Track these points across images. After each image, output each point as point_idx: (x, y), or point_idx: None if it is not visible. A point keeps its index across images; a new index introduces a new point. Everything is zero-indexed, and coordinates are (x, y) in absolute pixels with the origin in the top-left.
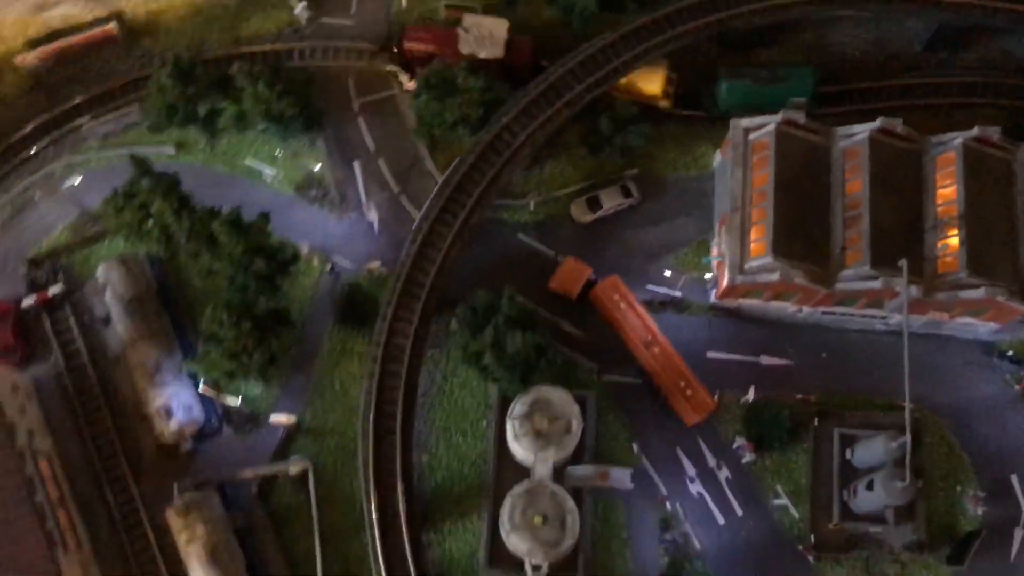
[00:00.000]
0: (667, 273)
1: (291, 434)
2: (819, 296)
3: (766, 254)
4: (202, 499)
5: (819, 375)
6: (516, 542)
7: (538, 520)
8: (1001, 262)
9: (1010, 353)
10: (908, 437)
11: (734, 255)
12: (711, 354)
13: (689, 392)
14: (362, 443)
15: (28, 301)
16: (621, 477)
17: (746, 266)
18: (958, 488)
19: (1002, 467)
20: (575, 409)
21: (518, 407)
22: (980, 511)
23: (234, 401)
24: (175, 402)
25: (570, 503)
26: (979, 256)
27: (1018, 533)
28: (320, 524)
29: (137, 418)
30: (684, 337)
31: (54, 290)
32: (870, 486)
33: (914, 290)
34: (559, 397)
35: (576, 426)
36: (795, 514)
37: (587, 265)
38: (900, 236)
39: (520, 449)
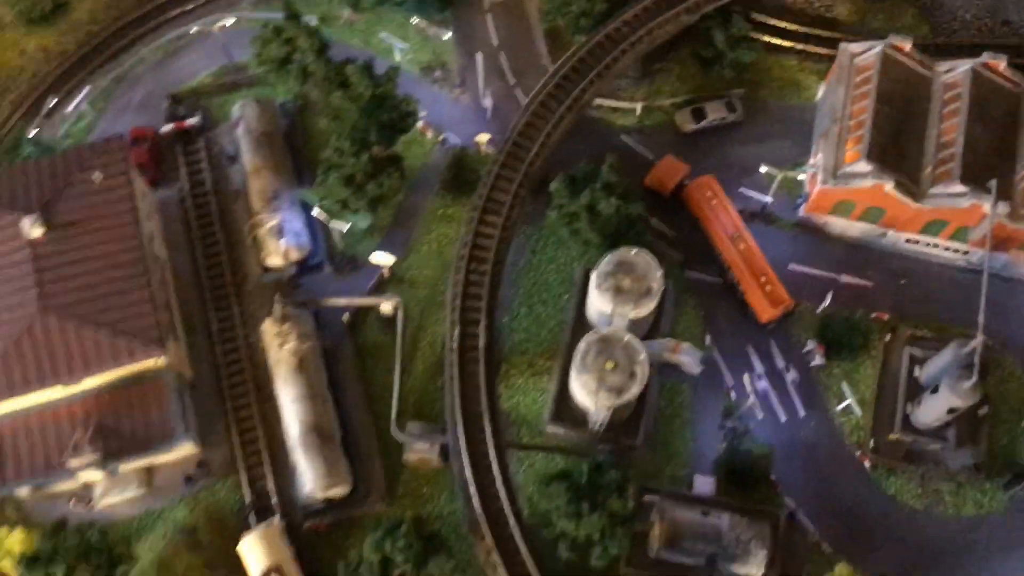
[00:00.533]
0: (763, 169)
1: (385, 281)
2: (906, 215)
3: (861, 159)
4: (299, 314)
5: (896, 299)
6: (585, 382)
7: (609, 365)
8: None
9: None
10: (980, 339)
11: (829, 161)
12: (793, 266)
13: (768, 287)
14: (453, 276)
15: (166, 128)
16: (692, 357)
17: (840, 171)
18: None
19: None
20: (658, 274)
21: (603, 264)
22: None
23: (342, 228)
24: (287, 226)
25: (642, 354)
26: None
27: None
28: (401, 363)
29: (247, 248)
30: (769, 248)
31: (191, 121)
32: (935, 390)
33: (1002, 208)
34: (644, 260)
35: (656, 289)
36: (858, 412)
37: (685, 163)
38: (991, 164)
39: (600, 302)
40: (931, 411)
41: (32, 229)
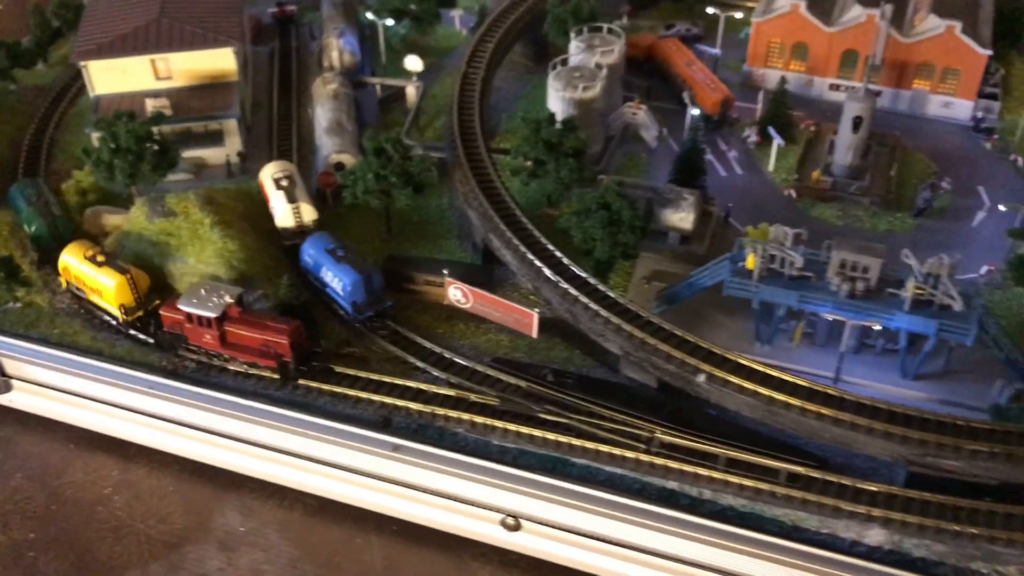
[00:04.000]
0: (710, 11)
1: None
2: (822, 46)
3: None
4: (340, 79)
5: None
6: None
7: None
8: None
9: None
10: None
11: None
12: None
13: (712, 86)
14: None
15: (271, 11)
16: (650, 127)
17: (768, 7)
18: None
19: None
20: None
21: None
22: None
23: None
24: (345, 40)
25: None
26: None
27: (979, 215)
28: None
29: (313, 67)
30: None
31: (291, 9)
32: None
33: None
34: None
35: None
36: (781, 142)
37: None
38: None
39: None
40: (843, 142)
41: None
